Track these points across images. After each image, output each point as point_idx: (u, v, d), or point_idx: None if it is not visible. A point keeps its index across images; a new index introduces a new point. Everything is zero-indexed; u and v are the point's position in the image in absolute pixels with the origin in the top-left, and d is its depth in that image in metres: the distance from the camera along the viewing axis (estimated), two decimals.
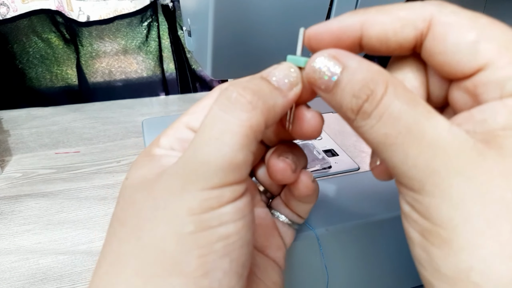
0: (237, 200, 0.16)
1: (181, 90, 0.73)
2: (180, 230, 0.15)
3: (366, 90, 0.14)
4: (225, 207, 0.15)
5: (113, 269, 0.15)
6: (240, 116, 0.15)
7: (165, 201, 0.15)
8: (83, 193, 0.47)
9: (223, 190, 0.15)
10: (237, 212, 0.16)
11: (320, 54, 0.16)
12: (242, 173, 0.16)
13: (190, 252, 0.14)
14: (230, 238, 0.15)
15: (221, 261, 0.15)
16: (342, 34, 0.16)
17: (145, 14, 0.66)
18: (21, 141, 0.58)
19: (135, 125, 0.61)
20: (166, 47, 0.69)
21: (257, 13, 0.26)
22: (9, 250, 0.39)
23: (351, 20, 0.16)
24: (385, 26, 0.16)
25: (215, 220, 0.15)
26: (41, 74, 0.66)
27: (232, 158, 0.15)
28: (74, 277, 0.37)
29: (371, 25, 0.16)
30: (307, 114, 0.18)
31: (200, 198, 0.15)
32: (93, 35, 0.65)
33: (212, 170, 0.15)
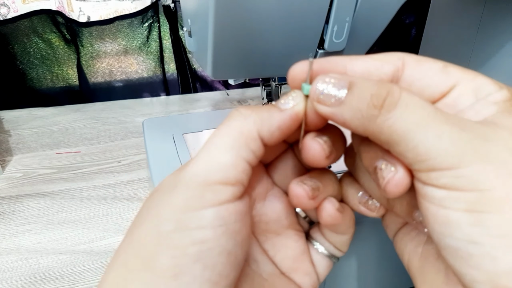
0: (220, 206, 0.16)
1: (182, 91, 0.73)
2: (160, 228, 0.15)
3: (384, 88, 0.16)
4: (206, 210, 0.15)
5: (112, 261, 0.16)
6: (231, 123, 0.17)
7: (157, 200, 0.16)
8: (84, 193, 0.47)
9: (205, 189, 0.16)
10: (218, 219, 0.16)
11: (323, 76, 0.17)
12: (228, 175, 0.16)
13: (165, 251, 0.15)
14: (205, 244, 0.15)
15: (193, 265, 0.15)
16: (330, 70, 0.18)
17: (146, 14, 0.66)
18: (22, 141, 0.58)
19: (136, 125, 0.61)
20: (167, 47, 0.69)
21: (257, 13, 0.26)
22: (9, 249, 0.39)
23: (338, 59, 0.18)
24: (367, 63, 0.18)
25: (194, 221, 0.15)
26: (42, 74, 0.66)
27: (218, 157, 0.16)
28: (74, 276, 0.37)
29: (355, 63, 0.18)
30: (310, 141, 0.18)
31: (183, 196, 0.16)
32: (94, 35, 0.65)
33: (199, 168, 0.16)
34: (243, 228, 0.17)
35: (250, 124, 0.17)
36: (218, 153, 0.16)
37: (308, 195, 0.19)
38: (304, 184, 0.19)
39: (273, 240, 0.21)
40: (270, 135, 0.17)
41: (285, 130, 0.18)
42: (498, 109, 0.16)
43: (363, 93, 0.16)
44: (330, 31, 0.28)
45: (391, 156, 0.17)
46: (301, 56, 0.30)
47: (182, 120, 0.43)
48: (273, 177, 0.22)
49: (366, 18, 0.29)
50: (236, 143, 0.16)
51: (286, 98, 0.18)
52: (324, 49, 0.29)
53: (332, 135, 0.19)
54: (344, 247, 0.22)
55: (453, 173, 0.14)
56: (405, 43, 0.78)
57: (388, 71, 0.18)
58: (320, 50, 0.30)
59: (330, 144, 0.19)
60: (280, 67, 0.31)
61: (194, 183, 0.16)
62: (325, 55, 0.30)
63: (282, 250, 0.21)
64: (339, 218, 0.20)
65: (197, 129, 0.41)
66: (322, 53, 0.30)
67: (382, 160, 0.17)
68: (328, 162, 0.19)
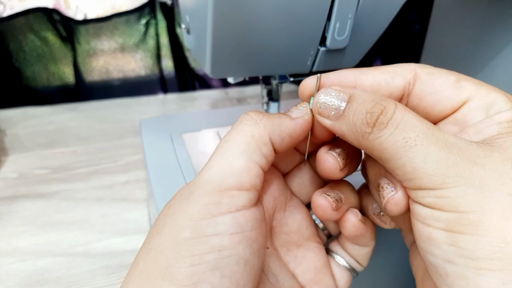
0: (237, 212, 0.16)
1: (180, 89, 0.73)
2: (177, 236, 0.15)
3: (378, 106, 0.16)
4: (223, 217, 0.16)
5: (130, 270, 0.16)
6: (243, 128, 0.17)
7: (174, 208, 0.16)
8: (80, 194, 0.46)
9: (221, 194, 0.16)
10: (235, 225, 0.16)
11: (325, 89, 0.18)
12: (242, 179, 0.16)
13: (183, 259, 0.15)
14: (223, 252, 0.15)
15: (211, 273, 0.15)
16: (339, 83, 0.19)
17: (143, 11, 0.65)
18: (17, 140, 0.57)
19: (133, 125, 0.61)
20: (165, 45, 0.69)
21: (257, 10, 0.25)
22: (5, 251, 0.39)
23: (348, 72, 0.19)
24: (377, 77, 0.18)
25: (211, 228, 0.15)
26: (38, 72, 0.66)
27: (232, 162, 0.16)
28: (71, 279, 0.36)
29: (365, 77, 0.18)
30: (324, 154, 0.19)
31: (200, 203, 0.16)
32: (90, 33, 0.65)
33: (213, 174, 0.16)
34: (259, 236, 0.17)
35: (261, 129, 0.17)
36: (231, 158, 0.17)
37: (332, 206, 0.19)
38: (327, 195, 0.20)
39: (294, 251, 0.21)
40: (280, 141, 0.18)
41: (295, 137, 0.19)
42: (499, 130, 0.16)
43: (359, 109, 0.16)
44: (332, 28, 0.28)
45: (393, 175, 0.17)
46: (302, 54, 0.30)
47: (180, 119, 0.43)
48: (291, 188, 0.23)
49: (369, 15, 0.28)
50: (249, 148, 0.17)
51: (296, 108, 0.19)
52: (326, 47, 0.29)
53: (347, 147, 0.19)
54: (364, 261, 0.22)
55: (436, 193, 0.15)
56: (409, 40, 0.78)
57: (398, 85, 0.18)
58: (322, 48, 0.29)
59: (345, 157, 0.19)
60: (280, 65, 0.30)
61: (210, 189, 0.16)
62: (327, 52, 0.29)
63: (304, 262, 0.21)
64: (362, 229, 0.20)
65: (195, 129, 0.41)
66: (324, 50, 0.29)
67: (385, 179, 0.18)
68: (343, 174, 0.20)
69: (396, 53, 0.79)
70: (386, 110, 0.16)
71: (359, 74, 0.19)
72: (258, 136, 0.17)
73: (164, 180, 0.33)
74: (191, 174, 0.33)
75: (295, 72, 0.32)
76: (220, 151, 0.17)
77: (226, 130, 0.40)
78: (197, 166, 0.35)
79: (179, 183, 0.32)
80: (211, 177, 0.16)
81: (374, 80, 0.18)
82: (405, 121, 0.16)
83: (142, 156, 0.53)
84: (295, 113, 0.19)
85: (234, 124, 0.18)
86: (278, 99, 0.36)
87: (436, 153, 0.15)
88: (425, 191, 0.15)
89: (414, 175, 0.15)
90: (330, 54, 0.30)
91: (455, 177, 0.14)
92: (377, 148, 0.16)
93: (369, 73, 0.19)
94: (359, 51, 0.31)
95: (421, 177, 0.15)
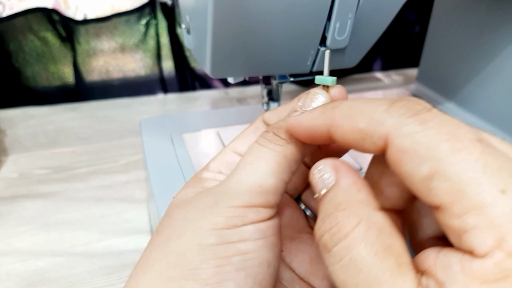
0: (260, 223, 0.17)
1: (180, 89, 0.73)
2: (202, 241, 0.16)
3: (332, 219, 0.14)
4: (247, 226, 0.16)
5: (141, 271, 0.17)
6: (275, 148, 0.17)
7: (196, 215, 0.17)
8: (80, 194, 0.46)
9: (248, 210, 0.16)
10: (258, 232, 0.16)
11: (323, 162, 0.16)
12: (269, 198, 0.17)
13: (208, 261, 0.15)
14: (248, 254, 0.16)
15: (236, 273, 0.16)
16: (314, 133, 0.17)
17: (143, 11, 0.65)
18: (17, 140, 0.57)
19: (133, 125, 0.61)
20: (165, 45, 0.69)
21: (257, 10, 0.25)
22: (5, 251, 0.39)
23: (319, 122, 0.16)
24: (347, 136, 0.15)
25: (236, 236, 0.16)
26: (37, 72, 0.66)
27: (263, 182, 0.17)
28: (71, 279, 0.36)
29: (335, 132, 0.15)
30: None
31: (225, 215, 0.16)
32: (90, 33, 0.65)
33: (242, 190, 0.16)
34: (279, 241, 0.17)
35: (293, 148, 0.17)
36: (262, 178, 0.17)
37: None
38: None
39: (287, 245, 0.21)
40: (311, 150, 0.19)
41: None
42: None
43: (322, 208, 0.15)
44: (332, 28, 0.28)
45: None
46: (303, 54, 0.30)
47: (180, 119, 0.43)
48: None
49: (369, 15, 0.28)
50: (280, 168, 0.17)
51: (310, 102, 0.19)
52: (326, 46, 0.29)
53: None
54: None
55: None
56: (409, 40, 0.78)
57: (370, 149, 0.15)
58: (322, 47, 0.29)
59: None
60: (281, 65, 0.30)
61: (237, 204, 0.16)
62: None
63: (298, 255, 0.21)
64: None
65: (195, 129, 0.41)
66: (324, 49, 0.29)
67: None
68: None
69: (396, 53, 0.79)
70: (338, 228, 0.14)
71: (330, 126, 0.16)
72: (290, 156, 0.17)
73: (164, 180, 0.33)
74: (191, 174, 0.33)
75: (295, 72, 0.32)
76: (250, 168, 0.17)
77: (226, 130, 0.40)
78: (197, 166, 0.35)
79: (179, 183, 0.32)
80: (239, 193, 0.17)
81: (345, 140, 0.15)
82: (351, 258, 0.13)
83: (142, 156, 0.53)
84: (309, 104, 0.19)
85: (263, 140, 0.18)
86: (278, 99, 0.36)
87: None
88: None
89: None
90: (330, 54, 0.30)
91: None
92: None
93: (339, 129, 0.15)
94: (359, 51, 0.31)
95: None
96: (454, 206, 0.12)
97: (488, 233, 0.11)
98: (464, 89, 0.45)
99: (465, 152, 0.12)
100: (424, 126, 0.13)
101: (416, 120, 0.13)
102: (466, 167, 0.12)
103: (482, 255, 0.11)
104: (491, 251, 0.11)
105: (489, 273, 0.11)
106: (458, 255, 0.12)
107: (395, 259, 0.13)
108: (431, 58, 0.51)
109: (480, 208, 0.11)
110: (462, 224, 0.12)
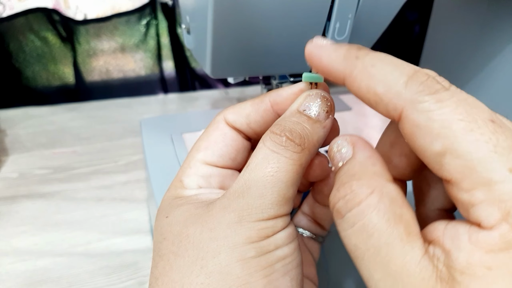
0: (287, 227, 0.17)
1: (180, 89, 0.73)
2: (243, 256, 0.16)
3: (347, 187, 0.15)
4: (279, 234, 0.17)
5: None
6: (293, 156, 0.17)
7: (224, 232, 0.16)
8: (80, 194, 0.46)
9: (276, 220, 0.17)
10: (289, 237, 0.17)
11: (342, 137, 0.17)
12: (291, 205, 0.18)
13: (256, 273, 0.16)
14: (287, 259, 0.17)
15: (283, 279, 0.16)
16: (330, 72, 0.17)
17: (144, 12, 0.65)
18: (18, 140, 0.57)
19: (133, 125, 0.61)
20: (165, 45, 0.69)
21: (257, 10, 0.25)
22: (5, 251, 0.39)
23: (338, 66, 0.16)
24: (361, 92, 0.15)
25: (272, 245, 0.17)
26: (38, 72, 0.66)
27: (285, 193, 0.17)
28: (71, 279, 0.36)
29: (351, 84, 0.16)
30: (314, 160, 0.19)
31: (256, 228, 0.16)
32: (91, 33, 0.65)
33: (268, 204, 0.17)
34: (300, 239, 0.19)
35: (307, 155, 0.18)
36: (284, 189, 0.17)
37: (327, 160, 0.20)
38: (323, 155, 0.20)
39: None
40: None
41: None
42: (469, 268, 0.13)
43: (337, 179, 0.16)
44: (332, 28, 0.28)
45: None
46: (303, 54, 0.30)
47: (180, 119, 0.43)
48: None
49: (369, 15, 0.28)
50: (298, 176, 0.17)
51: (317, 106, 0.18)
52: None
53: None
54: (329, 224, 0.24)
55: None
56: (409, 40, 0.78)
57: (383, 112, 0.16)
58: None
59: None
60: (281, 65, 0.30)
61: (265, 218, 0.17)
62: None
63: None
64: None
65: (196, 129, 0.41)
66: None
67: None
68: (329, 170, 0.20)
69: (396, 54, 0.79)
70: (352, 196, 0.14)
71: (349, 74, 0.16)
72: (305, 163, 0.18)
73: (164, 180, 0.33)
74: None
75: (295, 72, 0.32)
76: (272, 180, 0.17)
77: None
78: None
79: None
80: (265, 206, 0.17)
81: (365, 96, 0.16)
82: (363, 224, 0.14)
83: (142, 156, 0.53)
84: (322, 113, 0.18)
85: (277, 146, 0.17)
86: None
87: (378, 281, 0.13)
88: None
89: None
90: None
91: None
92: None
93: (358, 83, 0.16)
94: None
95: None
96: (464, 182, 0.13)
97: (496, 207, 0.12)
98: (464, 89, 0.45)
99: (478, 132, 0.13)
100: (439, 104, 0.13)
101: (432, 98, 0.13)
102: (478, 146, 0.12)
103: (489, 227, 0.12)
104: (497, 224, 0.12)
105: (494, 243, 0.12)
106: (466, 226, 0.13)
107: (404, 228, 0.13)
108: (431, 58, 0.51)
109: (489, 184, 0.12)
110: (471, 199, 0.13)
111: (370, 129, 0.42)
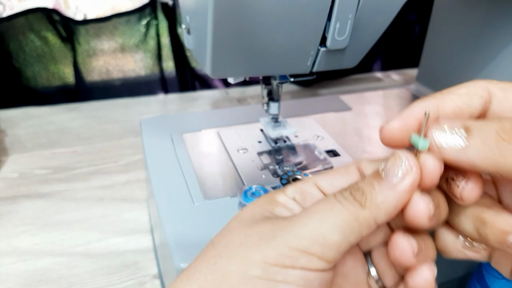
0: (310, 271, 0.16)
1: (180, 89, 0.73)
2: (247, 271, 0.16)
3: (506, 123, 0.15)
4: (295, 270, 0.16)
5: (186, 278, 0.17)
6: (348, 207, 0.17)
7: (252, 242, 0.17)
8: (80, 194, 0.47)
9: (301, 254, 0.16)
10: (304, 280, 0.16)
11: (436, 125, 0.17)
12: (328, 253, 0.16)
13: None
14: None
15: None
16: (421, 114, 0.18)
17: (144, 12, 0.65)
18: (18, 141, 0.57)
19: (133, 125, 0.61)
20: (166, 45, 0.69)
21: (257, 10, 0.25)
22: (5, 251, 0.39)
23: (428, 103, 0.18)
24: (456, 101, 0.18)
25: (281, 276, 0.16)
26: (38, 73, 0.66)
27: (327, 234, 0.16)
28: (72, 279, 0.36)
29: (445, 103, 0.18)
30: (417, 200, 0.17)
31: (278, 251, 0.16)
32: (91, 33, 0.65)
33: (303, 234, 0.16)
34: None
35: (367, 213, 0.17)
36: (327, 230, 0.16)
37: (413, 250, 0.18)
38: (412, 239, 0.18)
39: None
40: (387, 218, 0.17)
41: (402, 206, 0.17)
42: None
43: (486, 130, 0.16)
44: (332, 29, 0.28)
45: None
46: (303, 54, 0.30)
47: (180, 119, 0.43)
48: None
49: (369, 15, 0.28)
50: (349, 228, 0.17)
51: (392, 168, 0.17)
52: (326, 47, 0.29)
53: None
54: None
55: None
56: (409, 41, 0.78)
57: (478, 105, 0.18)
58: (322, 48, 0.29)
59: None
60: (281, 65, 0.30)
61: (293, 245, 0.16)
62: (327, 52, 0.29)
63: None
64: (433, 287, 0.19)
65: (196, 129, 0.41)
66: (324, 50, 0.29)
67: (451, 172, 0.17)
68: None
69: (396, 54, 0.79)
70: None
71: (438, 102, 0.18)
72: (362, 220, 0.17)
73: (164, 180, 0.33)
74: (191, 174, 0.33)
75: (295, 72, 0.32)
76: (320, 216, 0.17)
77: (227, 130, 0.40)
78: (197, 166, 0.35)
79: (179, 183, 0.32)
80: (300, 234, 0.16)
81: (455, 105, 0.18)
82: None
83: (142, 156, 0.53)
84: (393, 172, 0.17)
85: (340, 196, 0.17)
86: (278, 99, 0.36)
87: None
88: None
89: None
90: (330, 54, 0.30)
91: None
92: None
93: (446, 99, 0.18)
94: (359, 52, 0.31)
95: None
96: None
97: None
98: None
99: None
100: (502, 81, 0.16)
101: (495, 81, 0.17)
102: None
103: None
104: None
105: None
106: None
107: None
108: (431, 58, 0.51)
109: None
110: None
111: (370, 129, 0.42)
